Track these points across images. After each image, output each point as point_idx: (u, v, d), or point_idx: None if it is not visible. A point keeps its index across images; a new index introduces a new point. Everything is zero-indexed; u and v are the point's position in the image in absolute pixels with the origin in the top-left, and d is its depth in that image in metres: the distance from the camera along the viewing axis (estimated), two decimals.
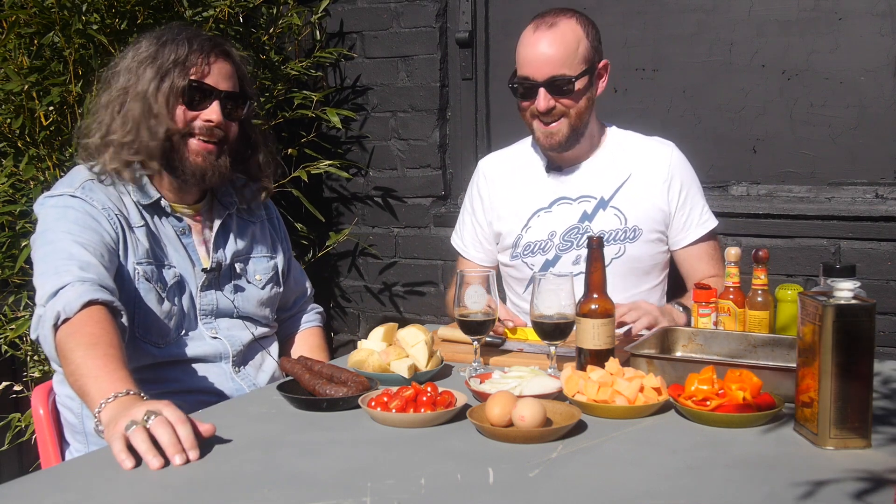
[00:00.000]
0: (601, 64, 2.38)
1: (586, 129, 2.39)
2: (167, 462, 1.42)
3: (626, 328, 2.08)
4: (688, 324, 2.19)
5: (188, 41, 2.01)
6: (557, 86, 2.29)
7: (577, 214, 2.41)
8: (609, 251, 2.35)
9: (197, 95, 2.01)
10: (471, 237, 2.59)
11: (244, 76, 2.13)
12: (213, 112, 2.02)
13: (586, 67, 2.32)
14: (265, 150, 2.23)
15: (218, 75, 2.04)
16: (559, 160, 2.46)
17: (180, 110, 2.00)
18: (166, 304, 2.01)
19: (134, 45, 2.08)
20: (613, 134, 2.50)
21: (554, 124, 2.34)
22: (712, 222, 2.45)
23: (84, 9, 2.73)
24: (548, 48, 2.29)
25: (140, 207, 2.03)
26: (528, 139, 2.54)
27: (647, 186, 2.41)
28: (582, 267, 2.33)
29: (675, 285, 2.52)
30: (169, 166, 2.03)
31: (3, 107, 2.77)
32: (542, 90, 2.30)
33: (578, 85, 2.31)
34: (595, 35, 2.36)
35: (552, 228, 2.41)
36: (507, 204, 2.49)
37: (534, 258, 2.43)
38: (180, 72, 1.99)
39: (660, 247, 2.43)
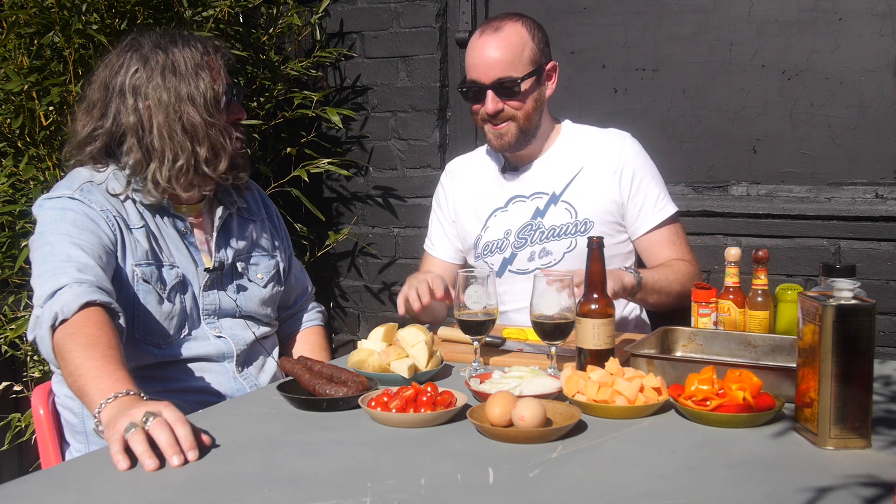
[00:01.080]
0: (549, 66, 2.43)
1: (538, 130, 2.44)
2: (164, 463, 1.42)
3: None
4: (637, 283, 2.19)
5: (187, 43, 2.03)
6: (504, 88, 2.34)
7: (530, 211, 2.46)
8: (560, 246, 2.41)
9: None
10: (438, 235, 2.65)
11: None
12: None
13: (533, 69, 2.36)
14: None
15: (226, 74, 2.08)
16: (514, 159, 2.51)
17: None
18: (167, 305, 2.01)
19: (114, 63, 2.02)
20: (567, 129, 2.54)
21: (503, 125, 2.39)
22: (670, 208, 2.45)
23: (84, 9, 2.73)
24: (494, 51, 2.34)
25: (140, 208, 2.03)
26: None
27: (597, 178, 2.44)
28: (537, 263, 2.41)
29: None
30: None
31: (3, 107, 2.77)
32: (489, 93, 2.35)
33: (524, 86, 2.35)
34: (541, 38, 2.41)
35: (507, 227, 2.47)
36: (468, 205, 2.57)
37: (492, 257, 2.48)
38: (210, 79, 2.01)
39: (615, 237, 2.44)
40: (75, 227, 1.92)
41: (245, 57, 3.18)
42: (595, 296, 1.82)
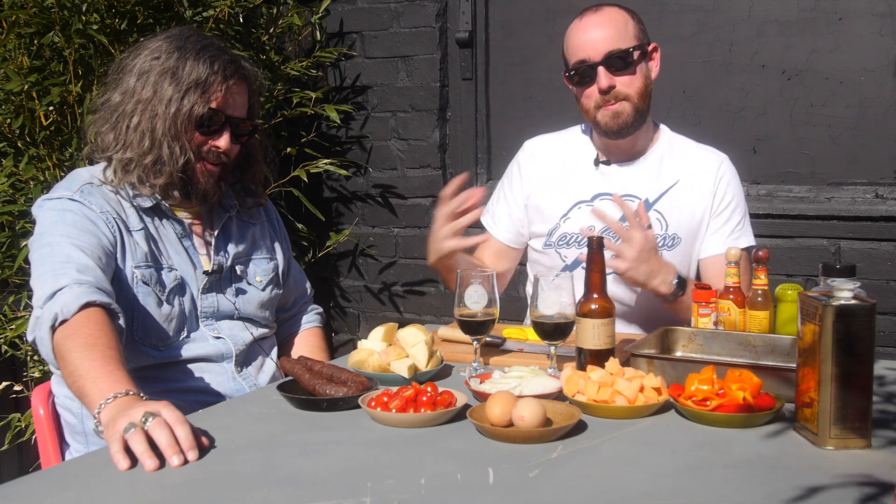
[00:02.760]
0: (650, 46, 2.37)
1: (647, 117, 2.37)
2: (164, 463, 1.42)
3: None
4: (671, 293, 2.17)
5: (210, 61, 2.00)
6: (616, 60, 2.28)
7: (618, 212, 2.30)
8: None
9: (212, 123, 2.02)
10: (502, 215, 2.52)
11: (256, 96, 2.14)
12: (223, 140, 2.04)
13: (638, 44, 2.31)
14: (262, 164, 2.23)
15: (234, 102, 2.05)
16: (614, 149, 2.40)
17: (194, 135, 2.01)
18: (166, 307, 2.01)
19: (150, 44, 2.04)
20: (666, 135, 2.46)
21: (617, 104, 2.30)
22: (744, 240, 2.37)
23: (84, 9, 2.73)
24: (599, 29, 2.29)
25: (140, 211, 2.03)
26: (578, 128, 2.50)
27: (692, 195, 2.36)
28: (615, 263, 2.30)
29: None
30: (182, 187, 2.04)
31: (3, 107, 2.77)
32: (601, 69, 2.28)
33: (635, 57, 2.29)
34: (639, 19, 2.36)
35: (591, 223, 2.34)
36: (549, 189, 2.44)
37: (568, 250, 2.39)
38: (201, 96, 1.98)
39: (691, 257, 2.40)
40: (75, 228, 1.92)
41: (245, 57, 3.18)
42: (595, 296, 1.82)
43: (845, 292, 1.47)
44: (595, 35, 2.29)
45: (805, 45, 3.01)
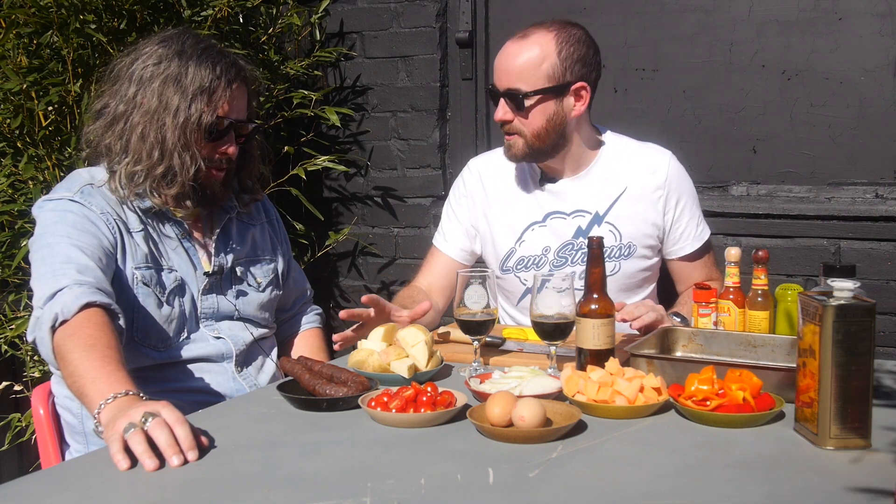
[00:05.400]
0: (576, 85, 2.25)
1: (560, 148, 2.30)
2: (164, 463, 1.42)
3: (637, 320, 2.06)
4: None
5: (212, 66, 1.99)
6: (512, 99, 2.24)
7: (571, 230, 2.35)
8: None
9: (220, 131, 2.02)
10: (452, 232, 2.50)
11: (255, 97, 2.14)
12: (233, 147, 2.04)
13: (548, 86, 2.22)
14: (258, 160, 2.22)
15: (238, 106, 2.04)
16: (549, 171, 2.38)
17: (203, 143, 2.01)
18: (166, 309, 2.01)
19: (145, 49, 2.03)
20: (609, 142, 2.41)
21: (511, 137, 2.28)
22: (706, 232, 2.43)
23: (81, 8, 2.72)
24: (508, 59, 2.24)
25: (139, 212, 2.03)
26: None
27: (641, 200, 2.36)
28: (578, 284, 2.25)
29: (662, 290, 2.52)
30: (194, 195, 2.04)
31: (2, 106, 2.77)
32: (501, 100, 2.26)
33: (531, 101, 2.22)
34: (571, 53, 2.24)
35: (546, 244, 2.36)
36: (499, 212, 2.42)
37: (527, 273, 2.38)
38: (207, 104, 1.97)
39: (652, 260, 2.40)
40: (75, 229, 1.92)
41: (243, 56, 3.17)
42: (595, 296, 1.82)
43: (845, 292, 1.47)
44: (504, 65, 2.24)
45: (805, 45, 3.01)
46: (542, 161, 2.35)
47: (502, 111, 2.25)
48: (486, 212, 2.44)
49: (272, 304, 2.24)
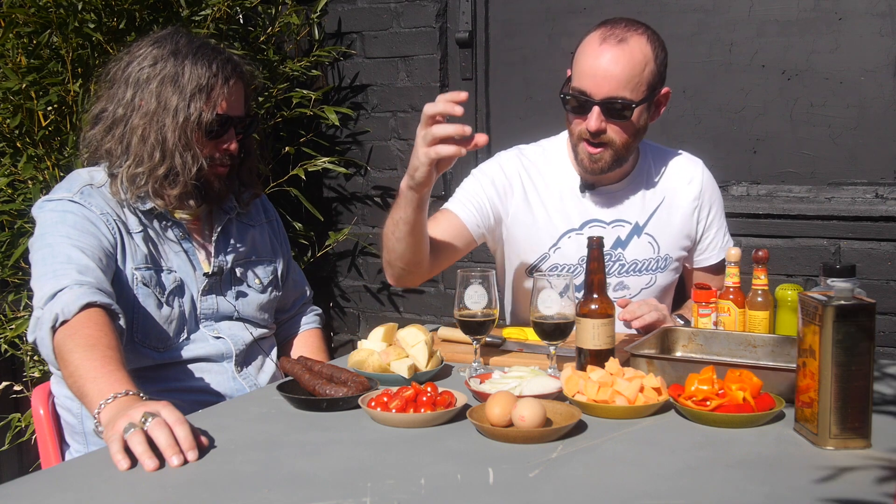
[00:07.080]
0: (663, 91, 2.19)
1: (629, 157, 2.24)
2: (164, 463, 1.42)
3: (638, 319, 2.05)
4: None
5: (208, 63, 1.99)
6: (614, 108, 2.10)
7: (610, 240, 2.25)
8: (640, 281, 2.29)
9: (220, 128, 2.02)
10: (476, 199, 2.28)
11: (252, 92, 2.14)
12: (234, 143, 2.04)
13: (648, 94, 2.13)
14: (256, 155, 2.22)
15: (235, 102, 2.04)
16: (594, 180, 2.28)
17: (204, 141, 2.01)
18: (165, 309, 2.01)
19: (139, 51, 2.03)
20: (645, 150, 2.36)
21: (599, 149, 2.15)
22: (730, 242, 2.42)
23: (80, 7, 2.72)
24: (613, 65, 2.08)
25: (139, 213, 2.03)
26: (561, 144, 2.35)
27: (678, 211, 2.32)
28: (615, 295, 2.23)
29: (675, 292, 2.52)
30: (197, 195, 2.04)
31: (2, 106, 2.77)
32: (596, 109, 2.10)
33: (636, 112, 2.12)
34: (663, 58, 2.16)
35: (582, 253, 2.17)
36: (538, 215, 2.30)
37: (558, 279, 2.32)
38: (206, 102, 1.97)
39: (678, 272, 2.39)
40: (76, 229, 1.92)
41: (253, 71, 3.18)
42: (595, 296, 1.82)
43: (845, 292, 1.47)
44: (604, 72, 2.08)
45: (805, 45, 3.01)
46: (616, 170, 2.24)
47: (597, 120, 2.11)
48: (520, 209, 2.31)
49: (272, 304, 2.24)
